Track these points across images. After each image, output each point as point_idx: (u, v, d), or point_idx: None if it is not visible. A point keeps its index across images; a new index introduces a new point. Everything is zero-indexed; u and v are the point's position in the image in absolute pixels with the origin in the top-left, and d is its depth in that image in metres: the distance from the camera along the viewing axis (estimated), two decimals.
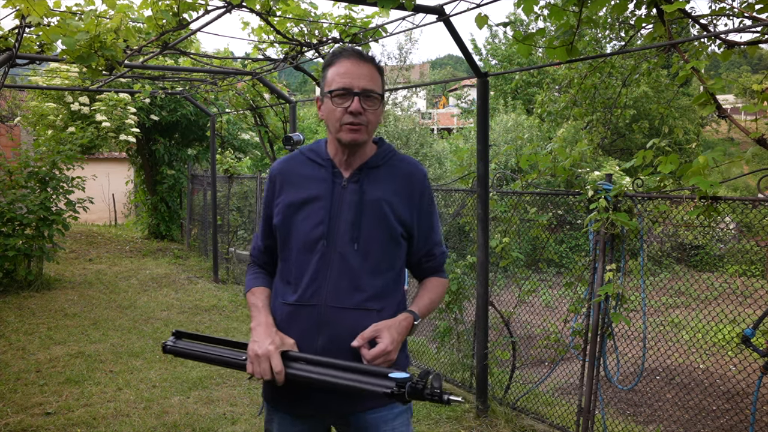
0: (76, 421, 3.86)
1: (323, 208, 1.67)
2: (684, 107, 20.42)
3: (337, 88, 1.62)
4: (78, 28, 3.20)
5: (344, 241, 1.66)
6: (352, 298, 1.65)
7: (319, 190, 1.69)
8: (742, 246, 9.70)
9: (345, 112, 1.62)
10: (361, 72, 1.63)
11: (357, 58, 1.65)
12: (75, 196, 8.06)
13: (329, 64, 1.67)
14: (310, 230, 1.67)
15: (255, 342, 1.60)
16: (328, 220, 1.67)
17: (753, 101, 2.95)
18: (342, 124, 1.63)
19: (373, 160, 1.73)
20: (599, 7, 2.86)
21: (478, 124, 4.08)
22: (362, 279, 1.66)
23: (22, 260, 7.45)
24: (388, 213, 1.68)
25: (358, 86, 1.62)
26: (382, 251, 1.69)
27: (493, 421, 4.08)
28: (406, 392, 1.44)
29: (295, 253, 1.69)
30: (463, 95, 33.16)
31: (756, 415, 3.01)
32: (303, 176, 1.73)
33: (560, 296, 4.49)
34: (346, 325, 1.63)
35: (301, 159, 1.76)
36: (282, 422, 1.75)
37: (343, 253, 1.65)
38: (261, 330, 1.63)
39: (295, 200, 1.70)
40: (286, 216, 1.71)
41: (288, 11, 4.12)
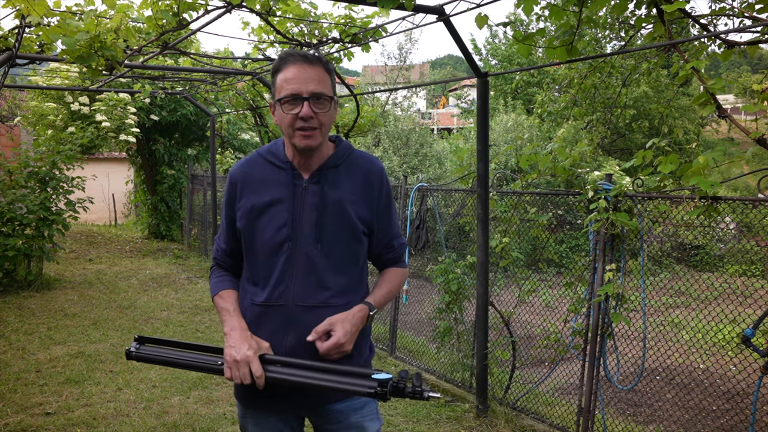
0: (76, 421, 3.86)
1: (286, 211, 1.71)
2: (684, 107, 20.42)
3: (285, 95, 1.63)
4: (78, 28, 3.20)
5: (308, 242, 1.70)
6: (317, 296, 1.70)
7: (280, 192, 1.72)
8: (742, 246, 9.70)
9: (296, 118, 1.64)
10: (309, 76, 1.64)
11: (303, 62, 1.65)
12: (75, 196, 8.06)
13: (277, 71, 1.68)
14: (275, 233, 1.70)
15: (231, 347, 1.63)
16: (292, 222, 1.70)
17: (753, 101, 2.95)
18: (294, 130, 1.65)
19: (332, 160, 1.76)
20: (599, 7, 2.86)
21: (478, 124, 4.08)
22: (327, 277, 1.71)
23: (22, 260, 7.45)
24: (349, 212, 1.73)
25: (306, 91, 1.63)
26: (344, 249, 1.74)
27: (493, 421, 4.08)
28: (388, 391, 1.52)
29: (261, 255, 1.72)
30: (463, 95, 33.16)
31: (756, 415, 3.01)
32: (263, 179, 1.75)
33: (560, 296, 4.49)
34: (312, 323, 1.67)
35: (261, 161, 1.78)
36: (257, 419, 1.80)
37: (307, 254, 1.70)
38: (236, 335, 1.65)
39: (258, 203, 1.72)
40: (250, 220, 1.73)
41: (288, 11, 4.12)
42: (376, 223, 1.81)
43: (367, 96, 18.67)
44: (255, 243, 1.73)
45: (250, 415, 1.82)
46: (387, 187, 1.83)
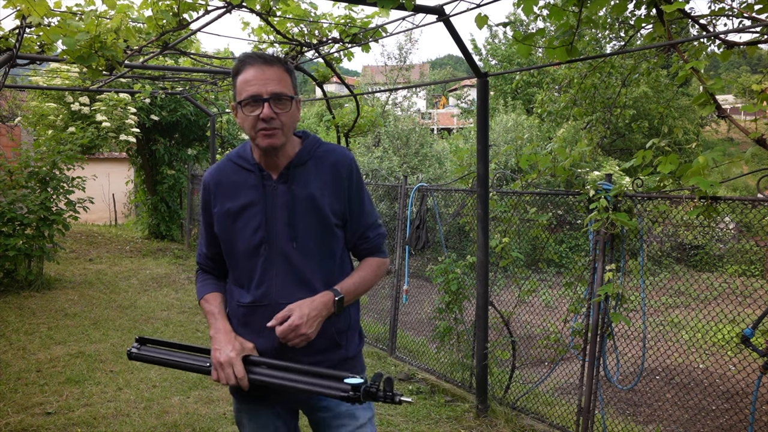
0: (77, 421, 3.86)
1: (259, 213, 1.74)
2: (684, 107, 20.43)
3: (245, 98, 1.66)
4: (78, 28, 3.20)
5: (284, 241, 1.74)
6: (298, 293, 1.73)
7: (252, 195, 1.75)
8: (741, 246, 9.71)
9: (257, 119, 1.66)
10: (268, 77, 1.66)
11: (262, 63, 1.67)
12: (75, 196, 8.05)
13: (236, 73, 1.69)
14: (251, 236, 1.74)
15: (217, 350, 1.68)
16: (265, 224, 1.74)
17: (752, 101, 2.95)
18: (257, 131, 1.67)
19: (299, 157, 1.77)
20: (599, 7, 2.86)
21: (478, 124, 4.08)
22: (306, 273, 1.75)
23: (23, 260, 7.45)
24: (320, 206, 1.75)
25: (266, 92, 1.64)
26: (320, 244, 1.77)
27: (493, 421, 4.09)
28: (361, 395, 1.58)
29: (241, 258, 1.77)
30: (463, 95, 33.15)
31: (755, 414, 3.02)
32: (235, 184, 1.78)
33: (560, 296, 4.49)
34: None
35: (231, 166, 1.80)
36: (252, 414, 1.86)
37: (284, 253, 1.74)
38: (221, 337, 1.71)
39: (232, 208, 1.76)
40: (226, 225, 1.77)
41: (288, 11, 4.12)
42: (349, 214, 1.83)
43: (367, 96, 18.68)
44: (234, 247, 1.77)
45: (245, 410, 1.87)
46: (357, 177, 1.84)
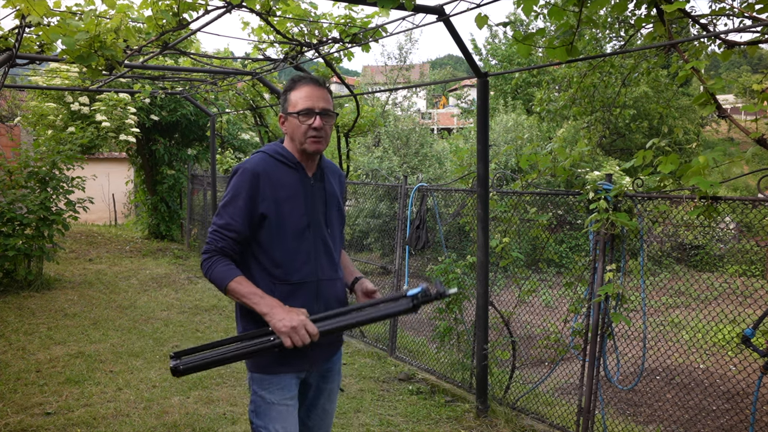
0: (76, 421, 3.86)
1: (302, 203, 2.08)
2: (684, 107, 20.42)
3: (302, 109, 2.05)
4: (78, 28, 3.20)
5: (322, 227, 2.13)
6: (332, 271, 2.15)
7: (296, 188, 2.09)
8: (742, 246, 9.71)
9: (309, 128, 2.05)
10: (319, 95, 2.07)
11: (315, 84, 2.09)
12: (75, 196, 8.05)
13: (290, 89, 2.10)
14: (298, 220, 2.06)
15: (282, 320, 1.88)
16: (309, 211, 2.09)
17: (753, 101, 2.95)
18: (307, 137, 2.06)
19: (322, 164, 2.21)
20: (599, 6, 2.86)
21: (478, 124, 4.08)
22: (335, 256, 2.18)
23: (22, 260, 7.45)
24: (339, 203, 2.25)
25: (318, 107, 2.06)
26: (339, 232, 2.25)
27: (493, 421, 4.08)
28: (420, 301, 1.96)
29: (287, 239, 2.04)
30: (463, 95, 33.15)
31: (756, 415, 3.01)
32: (281, 176, 2.08)
33: (560, 296, 4.49)
34: (331, 292, 2.13)
35: (273, 161, 2.09)
36: (282, 384, 2.07)
37: (323, 238, 2.12)
38: (278, 310, 1.91)
39: (282, 195, 2.05)
40: (276, 209, 2.03)
41: (288, 11, 4.12)
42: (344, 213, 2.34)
43: (367, 96, 18.67)
44: (283, 227, 2.04)
45: (276, 383, 2.06)
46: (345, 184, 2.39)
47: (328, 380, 2.24)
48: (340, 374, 2.30)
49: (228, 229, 2.01)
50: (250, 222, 2.02)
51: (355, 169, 12.34)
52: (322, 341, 1.98)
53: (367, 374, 5.00)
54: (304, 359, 2.09)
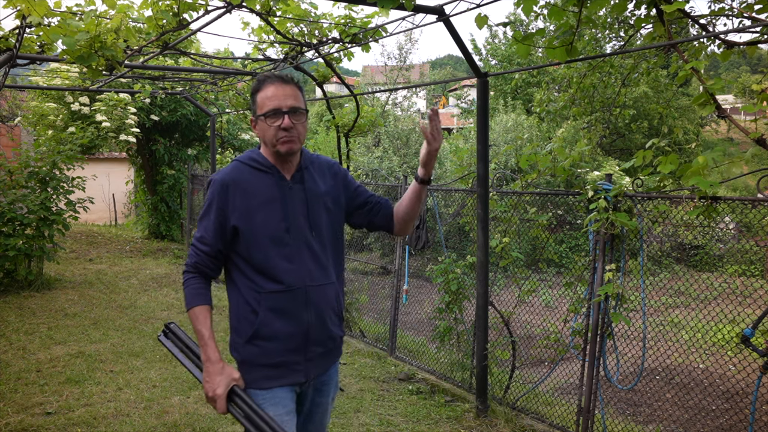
0: (77, 421, 3.86)
1: (279, 208, 1.98)
2: (684, 107, 20.41)
3: (269, 110, 1.94)
4: (78, 28, 3.20)
5: (304, 231, 2.00)
6: (321, 276, 2.02)
7: (271, 192, 1.99)
8: (741, 246, 9.71)
9: (278, 129, 1.94)
10: (286, 93, 1.96)
11: (280, 81, 1.97)
12: (75, 196, 8.05)
13: (256, 90, 1.99)
14: (276, 226, 1.96)
15: (207, 382, 1.90)
16: (287, 217, 1.98)
17: (752, 101, 2.95)
18: (278, 139, 1.95)
19: (303, 163, 2.08)
20: (599, 7, 2.86)
21: (478, 124, 4.08)
22: (323, 259, 2.04)
23: (23, 260, 7.45)
24: (327, 202, 2.08)
25: (285, 105, 1.94)
26: (329, 233, 2.08)
27: (493, 421, 4.09)
28: None
29: (266, 248, 1.95)
30: (463, 95, 33.14)
31: (755, 414, 3.02)
32: (253, 183, 1.99)
33: (560, 296, 4.49)
34: (322, 299, 2.01)
35: (246, 168, 2.01)
36: (275, 400, 1.97)
37: (306, 242, 2.00)
38: (211, 368, 1.90)
39: (254, 203, 1.96)
40: (249, 218, 1.95)
41: (288, 11, 4.12)
42: (352, 200, 2.17)
43: (367, 96, 18.67)
44: (257, 238, 1.94)
45: (269, 399, 1.97)
46: (344, 170, 2.21)
47: (324, 394, 2.14)
48: (336, 387, 2.21)
49: (202, 242, 1.98)
50: (223, 235, 1.96)
51: (355, 169, 12.33)
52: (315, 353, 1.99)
53: (367, 374, 5.00)
54: (298, 371, 2.00)
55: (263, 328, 1.94)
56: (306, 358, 1.99)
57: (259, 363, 1.96)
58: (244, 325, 1.97)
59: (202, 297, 1.97)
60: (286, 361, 1.96)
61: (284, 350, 1.96)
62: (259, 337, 1.95)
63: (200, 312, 1.94)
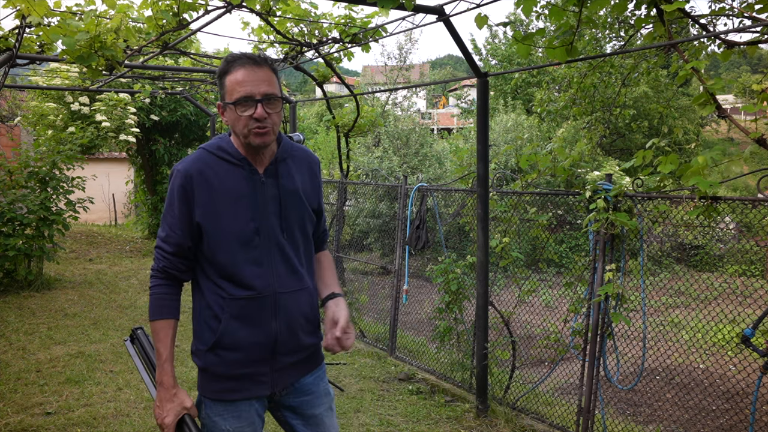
0: (77, 421, 3.86)
1: (249, 205, 1.77)
2: (684, 107, 20.42)
3: (239, 97, 1.69)
4: (78, 28, 3.20)
5: (276, 232, 1.80)
6: (292, 281, 1.83)
7: (241, 188, 1.77)
8: (741, 246, 9.71)
9: (250, 119, 1.70)
10: (259, 78, 1.70)
11: (252, 64, 1.71)
12: (75, 196, 8.05)
13: (225, 73, 1.73)
14: (243, 226, 1.76)
15: (158, 406, 1.75)
16: (257, 215, 1.78)
17: (753, 101, 2.95)
18: (249, 130, 1.71)
19: (280, 154, 1.85)
20: (599, 7, 2.86)
21: (478, 124, 4.08)
22: (295, 263, 1.84)
23: (23, 260, 7.45)
24: (303, 200, 1.87)
25: (259, 92, 1.69)
26: (302, 235, 1.88)
27: (493, 421, 4.08)
28: None
29: (231, 250, 1.76)
30: (463, 95, 33.15)
31: (756, 415, 3.02)
32: (220, 175, 1.77)
33: (560, 296, 4.49)
34: (294, 306, 1.82)
35: (212, 159, 1.79)
36: (238, 412, 1.82)
37: (278, 244, 1.81)
38: (163, 394, 1.74)
39: (220, 199, 1.76)
40: (214, 216, 1.75)
41: (288, 11, 4.12)
42: (321, 209, 1.98)
43: (367, 96, 18.67)
44: (222, 238, 1.76)
45: (230, 411, 1.82)
46: (320, 177, 2.00)
47: (310, 406, 1.92)
48: (329, 395, 1.98)
49: (168, 242, 1.78)
50: (190, 231, 1.76)
51: (355, 169, 12.33)
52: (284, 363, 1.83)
53: (367, 374, 5.00)
54: (262, 384, 1.82)
55: (225, 336, 1.76)
56: (273, 368, 1.82)
57: (220, 373, 1.79)
58: (205, 332, 1.79)
59: (166, 309, 1.78)
60: (249, 373, 1.79)
61: (248, 361, 1.79)
62: (221, 347, 1.77)
63: (161, 327, 1.76)
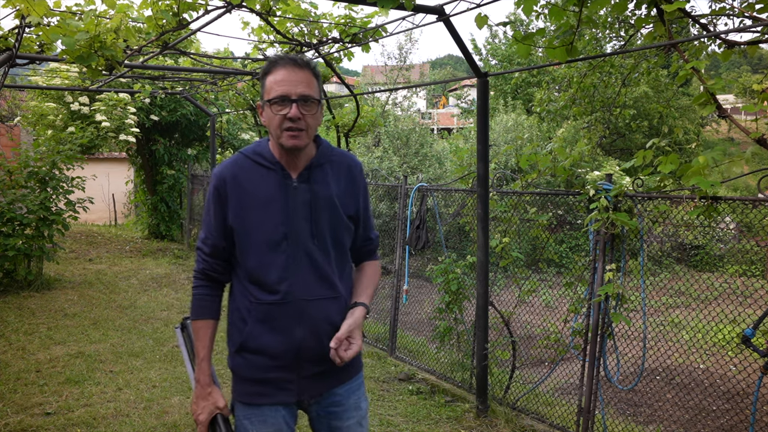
0: (76, 421, 3.86)
1: (279, 209, 1.78)
2: (684, 107, 20.41)
3: (275, 96, 1.72)
4: (78, 28, 3.20)
5: (305, 238, 1.79)
6: (320, 289, 1.81)
7: (272, 192, 1.79)
8: (742, 246, 9.71)
9: (284, 119, 1.72)
10: (298, 78, 1.72)
11: (293, 65, 1.73)
12: (75, 196, 8.05)
13: (266, 73, 1.76)
14: (272, 231, 1.77)
15: (193, 403, 1.81)
16: (287, 220, 1.78)
17: (753, 101, 2.95)
18: (282, 130, 1.73)
19: (317, 159, 1.84)
20: (599, 6, 2.85)
21: (478, 124, 4.08)
22: (325, 271, 1.82)
23: (22, 260, 7.44)
24: (337, 207, 1.84)
25: (295, 93, 1.71)
26: (336, 242, 1.85)
27: (493, 421, 4.08)
28: None
29: (260, 253, 1.78)
30: (463, 95, 33.15)
31: (756, 415, 3.01)
32: (253, 179, 1.80)
33: (560, 296, 4.49)
34: (319, 316, 1.79)
35: (248, 162, 1.83)
36: (262, 417, 1.83)
37: (306, 250, 1.79)
38: (199, 391, 1.81)
39: (251, 203, 1.78)
40: (244, 218, 1.78)
41: (288, 11, 4.12)
42: (361, 216, 1.93)
43: (367, 96, 18.67)
44: (251, 241, 1.78)
45: (257, 415, 1.84)
46: (365, 182, 1.96)
47: (339, 417, 1.90)
48: (359, 410, 1.93)
49: (206, 244, 1.84)
50: (225, 233, 1.81)
51: None
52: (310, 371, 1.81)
53: (367, 374, 5.00)
54: (288, 390, 1.82)
55: (250, 340, 1.79)
56: (299, 376, 1.81)
57: (246, 376, 1.83)
58: (234, 334, 1.84)
59: (205, 310, 1.85)
60: (274, 378, 1.80)
61: (272, 366, 1.80)
62: (247, 350, 1.80)
63: (200, 327, 1.83)
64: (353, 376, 1.92)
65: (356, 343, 1.78)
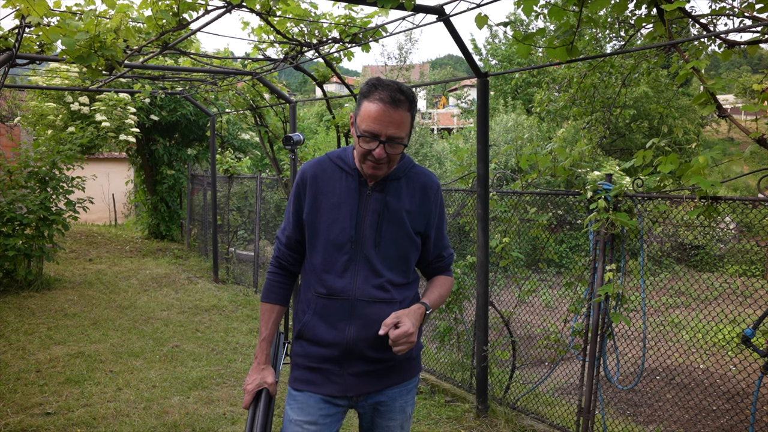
0: (76, 421, 3.86)
1: (350, 213, 1.87)
2: (684, 107, 20.43)
3: (365, 131, 1.76)
4: (78, 28, 3.20)
5: (368, 244, 1.87)
6: (375, 291, 1.88)
7: (346, 195, 1.88)
8: (742, 246, 9.70)
9: (370, 152, 1.78)
10: (390, 119, 1.74)
11: (390, 104, 1.74)
12: (75, 196, 8.05)
13: (365, 96, 1.78)
14: (339, 232, 1.87)
15: (249, 375, 1.96)
16: (355, 225, 1.87)
17: (753, 101, 2.95)
18: (366, 161, 1.82)
19: (395, 173, 1.91)
20: (599, 6, 2.85)
21: (478, 124, 4.08)
22: (383, 276, 1.88)
23: (22, 260, 7.45)
24: (405, 221, 1.90)
25: (385, 134, 1.75)
26: (398, 253, 1.91)
27: (493, 421, 4.08)
28: None
29: (325, 251, 1.89)
30: (463, 95, 33.14)
31: (756, 415, 3.01)
32: (332, 181, 1.90)
33: (560, 296, 4.49)
34: (372, 316, 1.86)
35: (331, 165, 1.92)
36: (302, 404, 1.92)
37: (367, 255, 1.88)
38: (253, 368, 1.96)
39: (325, 202, 1.88)
40: (316, 215, 1.89)
41: (288, 11, 4.12)
42: (433, 234, 2.00)
43: None
44: (320, 238, 1.89)
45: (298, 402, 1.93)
46: (442, 201, 2.02)
47: (384, 416, 1.98)
48: (404, 413, 2.00)
49: (283, 234, 1.99)
50: (299, 226, 1.95)
51: None
52: (359, 369, 1.89)
53: None
54: (333, 383, 1.90)
55: (307, 329, 1.91)
56: (348, 372, 1.89)
57: (298, 363, 1.95)
58: (297, 322, 1.97)
59: (273, 294, 1.99)
60: (322, 369, 1.90)
61: (322, 357, 1.89)
62: (303, 338, 1.93)
63: (266, 309, 1.99)
64: (405, 380, 1.99)
65: (404, 325, 1.77)
